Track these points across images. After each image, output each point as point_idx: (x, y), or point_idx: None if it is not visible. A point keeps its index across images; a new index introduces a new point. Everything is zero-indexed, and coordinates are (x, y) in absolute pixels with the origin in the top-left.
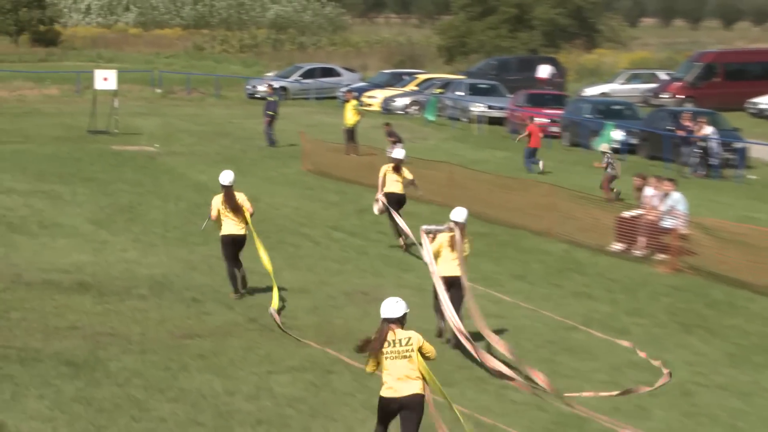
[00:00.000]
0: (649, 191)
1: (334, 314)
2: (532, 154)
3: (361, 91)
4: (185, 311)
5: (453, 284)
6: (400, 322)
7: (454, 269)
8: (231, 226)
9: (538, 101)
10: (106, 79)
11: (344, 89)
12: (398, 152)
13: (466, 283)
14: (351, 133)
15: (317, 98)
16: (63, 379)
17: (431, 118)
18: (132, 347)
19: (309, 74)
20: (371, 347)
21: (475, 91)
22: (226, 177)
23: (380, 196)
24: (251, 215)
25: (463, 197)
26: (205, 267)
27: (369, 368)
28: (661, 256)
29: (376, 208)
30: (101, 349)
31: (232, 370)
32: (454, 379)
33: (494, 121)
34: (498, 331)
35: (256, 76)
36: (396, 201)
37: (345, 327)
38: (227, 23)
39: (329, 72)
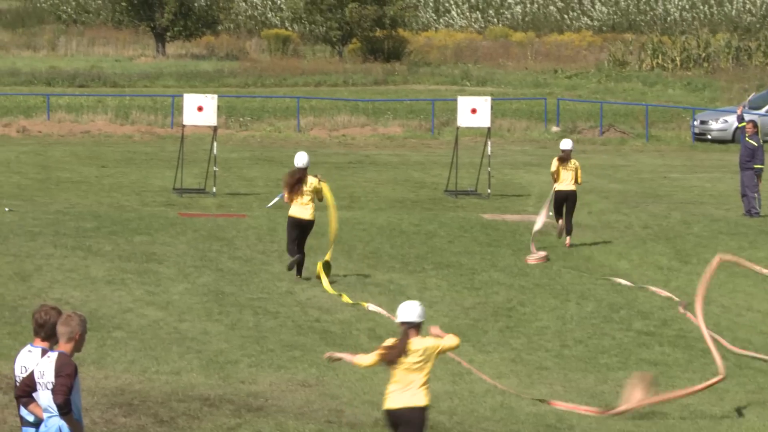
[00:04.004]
0: None
1: None
2: None
3: None
4: None
5: None
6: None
7: None
8: (298, 210)
9: None
10: (474, 111)
11: None
12: (566, 143)
13: None
14: None
15: None
16: None
17: None
18: None
19: None
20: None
21: None
22: (301, 159)
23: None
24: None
25: None
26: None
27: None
28: None
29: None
30: None
31: None
32: None
33: None
34: None
35: (707, 107)
36: (564, 198)
37: None
38: (663, 24)
39: None
